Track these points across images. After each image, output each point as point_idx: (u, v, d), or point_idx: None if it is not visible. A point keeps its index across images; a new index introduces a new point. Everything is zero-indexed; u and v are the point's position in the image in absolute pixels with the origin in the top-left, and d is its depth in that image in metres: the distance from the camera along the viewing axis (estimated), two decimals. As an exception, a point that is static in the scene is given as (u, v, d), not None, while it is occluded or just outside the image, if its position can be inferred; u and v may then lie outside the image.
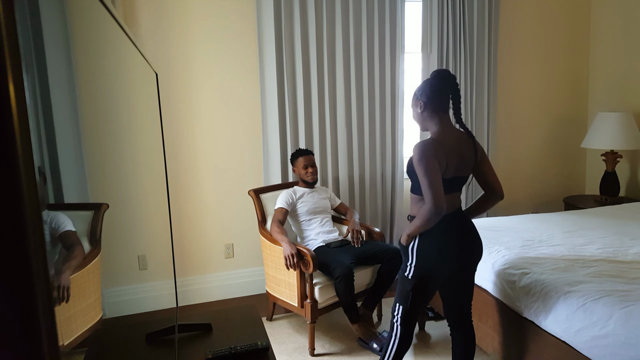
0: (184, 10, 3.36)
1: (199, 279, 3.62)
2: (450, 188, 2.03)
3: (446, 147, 1.98)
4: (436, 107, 2.05)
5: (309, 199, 3.21)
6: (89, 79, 0.79)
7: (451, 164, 1.99)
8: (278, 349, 2.90)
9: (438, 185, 1.91)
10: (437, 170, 1.93)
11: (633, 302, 1.90)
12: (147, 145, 1.48)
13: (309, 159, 3.24)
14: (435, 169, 1.92)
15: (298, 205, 3.16)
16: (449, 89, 2.05)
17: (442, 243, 2.02)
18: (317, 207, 3.21)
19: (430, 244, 2.01)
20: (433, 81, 2.06)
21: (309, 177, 3.22)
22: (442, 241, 2.02)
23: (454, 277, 2.15)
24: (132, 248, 1.10)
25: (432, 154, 1.93)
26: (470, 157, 2.08)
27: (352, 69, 3.63)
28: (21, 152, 0.40)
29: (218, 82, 3.50)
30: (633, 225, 2.94)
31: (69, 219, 0.59)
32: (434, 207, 1.90)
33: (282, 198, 3.16)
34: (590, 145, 3.93)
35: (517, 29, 4.17)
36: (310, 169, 3.22)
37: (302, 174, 3.24)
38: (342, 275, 2.74)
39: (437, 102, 2.04)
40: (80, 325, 0.61)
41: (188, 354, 1.66)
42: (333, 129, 3.67)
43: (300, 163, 3.24)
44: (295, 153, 3.28)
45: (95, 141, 0.81)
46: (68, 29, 0.68)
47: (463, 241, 2.10)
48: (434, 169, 1.92)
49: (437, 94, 2.04)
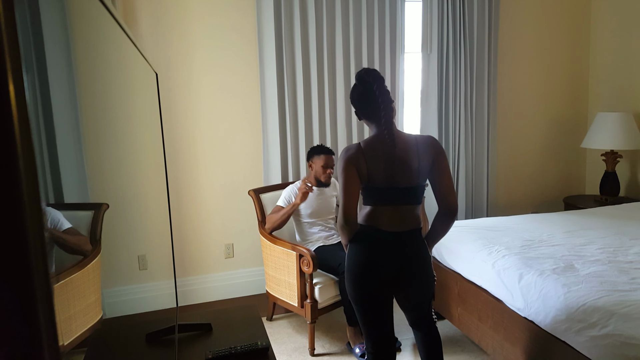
0: (184, 10, 3.36)
1: (199, 279, 3.62)
2: (388, 199, 1.85)
3: (373, 152, 1.83)
4: (365, 112, 1.90)
5: (315, 200, 3.11)
6: (89, 79, 0.79)
7: (379, 171, 1.82)
8: (278, 349, 2.90)
9: (348, 194, 1.81)
10: (352, 178, 1.81)
11: (633, 302, 1.91)
12: (147, 145, 1.48)
13: (331, 160, 3.08)
14: (349, 176, 1.81)
15: (300, 205, 3.09)
16: (373, 90, 1.85)
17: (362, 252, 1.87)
18: (321, 210, 3.14)
19: (352, 250, 1.91)
20: (356, 87, 1.92)
21: (326, 178, 3.07)
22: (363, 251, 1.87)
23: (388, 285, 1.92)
24: (132, 248, 1.10)
25: (348, 160, 1.82)
26: (417, 164, 1.84)
27: (352, 68, 3.63)
28: (21, 152, 0.40)
29: (218, 81, 3.50)
30: (633, 225, 2.94)
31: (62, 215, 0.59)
32: (342, 216, 1.82)
33: (285, 196, 3.10)
34: (590, 145, 3.93)
35: (517, 29, 4.17)
36: (330, 170, 3.07)
37: (318, 173, 3.07)
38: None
39: (364, 106, 1.90)
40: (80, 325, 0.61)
41: (188, 354, 1.66)
42: (333, 129, 3.67)
43: (320, 161, 3.06)
44: (317, 148, 3.11)
45: (96, 141, 0.81)
46: (68, 29, 0.68)
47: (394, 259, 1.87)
48: (348, 176, 1.81)
49: (363, 98, 1.89)
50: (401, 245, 1.88)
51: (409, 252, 1.90)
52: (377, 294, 1.92)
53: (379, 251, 1.87)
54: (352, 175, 1.82)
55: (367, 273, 1.87)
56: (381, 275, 1.88)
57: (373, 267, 1.87)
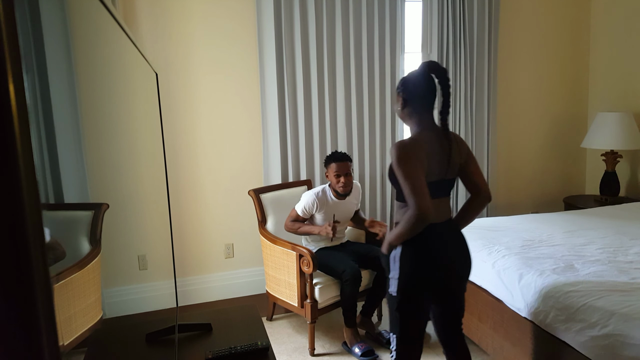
0: (184, 10, 3.36)
1: (199, 279, 3.62)
2: (436, 192, 1.81)
3: (427, 147, 1.79)
4: (417, 105, 1.83)
5: (335, 210, 2.91)
6: (89, 79, 0.79)
7: (433, 166, 1.80)
8: (278, 349, 2.90)
9: (422, 187, 1.70)
10: (420, 172, 1.73)
11: (633, 302, 1.90)
12: (147, 145, 1.48)
13: (343, 167, 2.80)
14: (416, 170, 1.72)
15: (317, 215, 2.93)
16: (436, 85, 1.82)
17: (427, 251, 1.81)
18: (338, 217, 2.94)
19: (416, 251, 1.81)
20: (418, 77, 1.83)
21: (340, 188, 2.82)
22: (427, 249, 1.81)
23: (442, 291, 1.94)
24: (132, 248, 1.10)
25: (412, 154, 1.73)
26: (455, 158, 1.88)
27: (352, 69, 3.63)
28: (21, 152, 0.40)
29: (218, 81, 3.50)
30: (633, 225, 2.94)
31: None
32: (418, 211, 1.68)
33: (305, 204, 2.91)
34: (590, 145, 3.93)
35: (517, 29, 4.17)
36: (343, 179, 2.79)
37: (333, 183, 2.86)
38: (352, 278, 2.73)
39: (419, 100, 1.83)
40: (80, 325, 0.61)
41: (188, 354, 1.66)
42: (333, 129, 3.67)
43: (332, 170, 2.83)
44: (328, 157, 2.89)
45: (95, 141, 0.81)
46: (68, 29, 0.68)
47: (451, 252, 1.90)
48: (416, 170, 1.72)
49: (420, 92, 1.82)
50: (451, 234, 1.93)
51: (455, 238, 1.95)
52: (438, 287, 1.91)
53: (438, 243, 1.86)
54: (418, 167, 1.74)
55: (433, 267, 1.85)
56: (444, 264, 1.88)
57: (437, 259, 1.86)
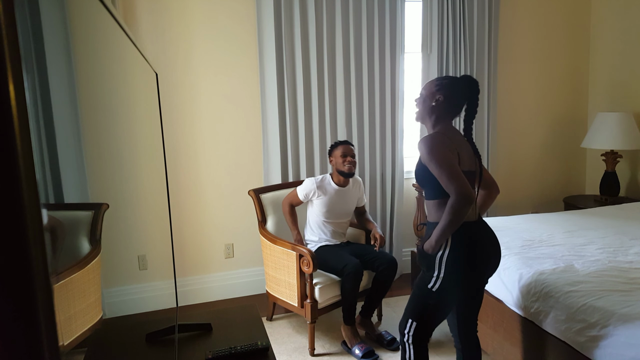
0: (184, 10, 3.36)
1: (199, 279, 3.62)
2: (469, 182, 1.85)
3: (456, 139, 1.86)
4: (451, 107, 1.90)
5: (336, 200, 3.01)
6: (89, 79, 0.79)
7: (463, 155, 1.84)
8: (278, 349, 2.90)
9: (459, 172, 1.71)
10: (453, 159, 1.75)
11: (633, 302, 1.90)
12: (147, 145, 1.48)
13: (349, 148, 3.01)
14: (450, 157, 1.74)
15: (315, 201, 3.02)
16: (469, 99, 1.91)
17: (474, 254, 1.85)
18: (340, 212, 3.05)
19: (463, 254, 1.83)
20: (459, 85, 1.90)
21: (346, 166, 2.96)
22: (474, 251, 1.85)
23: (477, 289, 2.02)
24: (132, 248, 1.10)
25: (443, 144, 1.77)
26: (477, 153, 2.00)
27: (352, 69, 3.63)
28: (21, 152, 0.40)
29: (218, 82, 3.50)
30: (633, 225, 2.94)
31: None
32: (461, 196, 1.68)
33: (305, 189, 3.02)
34: (590, 145, 3.93)
35: (517, 29, 4.17)
36: (349, 158, 2.98)
37: (339, 164, 2.99)
38: (353, 272, 2.73)
39: (451, 106, 1.90)
40: (80, 325, 0.61)
41: (188, 354, 1.66)
42: (333, 129, 3.67)
43: (338, 151, 3.00)
44: (334, 144, 3.08)
45: (96, 141, 0.81)
46: (68, 29, 0.68)
47: (491, 251, 1.93)
48: (450, 157, 1.74)
49: (455, 100, 1.90)
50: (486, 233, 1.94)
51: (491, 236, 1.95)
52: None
53: (480, 246, 1.88)
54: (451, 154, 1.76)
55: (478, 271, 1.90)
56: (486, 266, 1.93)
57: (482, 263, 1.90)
